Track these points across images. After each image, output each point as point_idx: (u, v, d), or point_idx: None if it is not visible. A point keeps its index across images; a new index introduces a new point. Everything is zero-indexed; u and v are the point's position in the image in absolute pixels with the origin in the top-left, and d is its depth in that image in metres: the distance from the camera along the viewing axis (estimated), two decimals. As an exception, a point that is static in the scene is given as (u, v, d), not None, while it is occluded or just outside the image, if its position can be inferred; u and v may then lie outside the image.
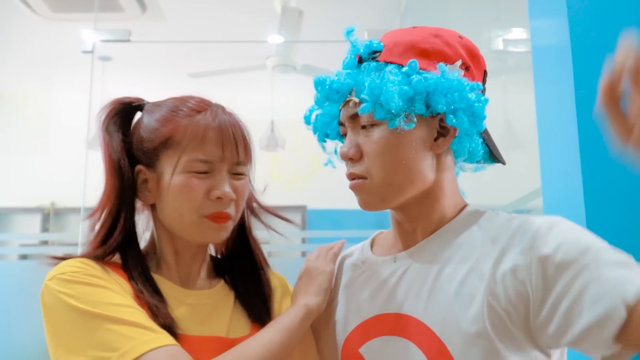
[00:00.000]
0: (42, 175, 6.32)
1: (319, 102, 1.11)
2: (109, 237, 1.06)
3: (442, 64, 1.00)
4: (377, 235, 1.22)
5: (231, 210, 1.07)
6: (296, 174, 6.37)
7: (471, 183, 1.24)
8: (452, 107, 0.99)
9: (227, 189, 1.04)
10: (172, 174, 1.04)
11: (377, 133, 1.02)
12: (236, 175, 1.08)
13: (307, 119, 1.14)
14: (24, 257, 4.99)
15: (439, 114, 1.02)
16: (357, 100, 1.02)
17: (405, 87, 0.98)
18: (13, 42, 5.30)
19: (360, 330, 1.07)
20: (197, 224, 1.05)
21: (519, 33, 2.86)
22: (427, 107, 1.00)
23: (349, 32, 1.08)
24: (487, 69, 1.12)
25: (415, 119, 0.99)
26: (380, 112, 0.99)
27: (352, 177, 1.05)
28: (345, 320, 1.11)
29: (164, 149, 1.06)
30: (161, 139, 1.06)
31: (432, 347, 0.96)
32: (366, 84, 1.00)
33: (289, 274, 1.26)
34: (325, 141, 1.17)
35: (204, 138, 1.04)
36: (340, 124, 1.09)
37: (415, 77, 0.98)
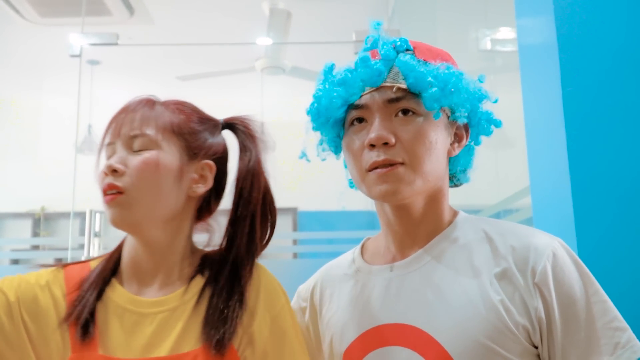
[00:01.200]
0: (32, 180, 6.30)
1: (341, 83, 1.05)
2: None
3: (482, 75, 1.08)
4: (365, 242, 1.20)
5: (119, 182, 1.01)
6: (287, 176, 6.37)
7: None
8: (482, 114, 1.09)
9: (110, 161, 1.03)
10: None
11: (417, 122, 1.02)
12: (137, 151, 1.04)
13: (317, 98, 1.10)
14: (15, 261, 4.96)
15: (463, 119, 1.07)
16: (403, 85, 1.02)
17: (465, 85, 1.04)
18: (2, 48, 5.28)
19: (360, 342, 1.05)
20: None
21: (506, 32, 2.87)
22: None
23: (379, 25, 1.08)
24: (476, 69, 1.16)
25: (467, 115, 1.06)
26: (434, 103, 1.01)
27: (385, 162, 1.01)
28: (343, 333, 1.08)
29: None
30: None
31: (437, 356, 0.96)
32: (425, 72, 1.01)
33: (280, 275, 1.25)
34: (322, 128, 1.13)
35: (109, 125, 1.07)
36: (357, 107, 1.06)
37: (468, 79, 1.05)
